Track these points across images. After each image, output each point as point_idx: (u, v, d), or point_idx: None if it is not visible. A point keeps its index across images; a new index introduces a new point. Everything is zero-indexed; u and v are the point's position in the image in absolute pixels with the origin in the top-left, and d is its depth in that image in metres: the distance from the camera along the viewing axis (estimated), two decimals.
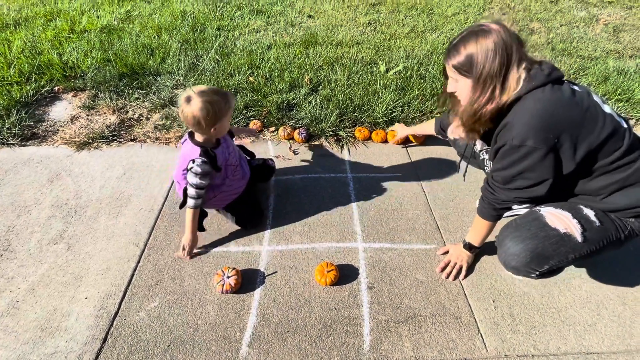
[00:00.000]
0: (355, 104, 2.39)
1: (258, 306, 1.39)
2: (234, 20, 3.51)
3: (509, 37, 1.10)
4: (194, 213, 1.50)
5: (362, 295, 1.43)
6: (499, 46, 1.08)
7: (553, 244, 1.18)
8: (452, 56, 1.17)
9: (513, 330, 1.32)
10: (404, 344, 1.29)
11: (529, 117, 1.10)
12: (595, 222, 1.18)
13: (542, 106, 1.09)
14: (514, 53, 1.09)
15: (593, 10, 3.84)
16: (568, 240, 1.17)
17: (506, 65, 1.09)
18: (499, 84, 1.11)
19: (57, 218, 1.72)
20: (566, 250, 1.17)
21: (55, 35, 3.13)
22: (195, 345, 1.27)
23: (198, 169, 1.43)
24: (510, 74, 1.10)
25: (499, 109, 1.15)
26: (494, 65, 1.08)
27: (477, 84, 1.13)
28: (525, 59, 1.13)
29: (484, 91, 1.13)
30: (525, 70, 1.12)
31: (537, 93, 1.11)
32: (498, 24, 1.12)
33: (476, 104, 1.15)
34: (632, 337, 1.31)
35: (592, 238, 1.17)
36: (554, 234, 1.18)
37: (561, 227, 1.18)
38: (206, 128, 1.40)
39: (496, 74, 1.09)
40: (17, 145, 2.16)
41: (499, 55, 1.08)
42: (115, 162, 2.05)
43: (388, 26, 3.46)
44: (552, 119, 1.08)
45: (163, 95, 2.53)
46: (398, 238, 1.65)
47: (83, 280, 1.47)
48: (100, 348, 1.26)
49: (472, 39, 1.11)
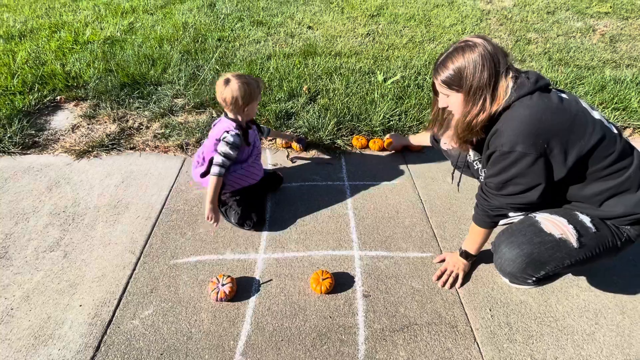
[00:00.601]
0: (352, 112, 2.41)
1: (252, 314, 1.38)
2: (234, 31, 3.57)
3: (494, 49, 1.13)
4: (217, 181, 1.58)
5: (357, 304, 1.42)
6: (486, 58, 1.10)
7: (549, 249, 1.17)
8: (441, 72, 1.19)
9: (510, 340, 1.31)
10: (399, 353, 1.27)
11: (518, 124, 1.11)
12: (591, 228, 1.17)
13: (530, 112, 1.11)
14: (501, 63, 1.12)
15: (590, 21, 3.88)
16: (564, 245, 1.17)
17: (495, 75, 1.11)
18: (489, 94, 1.13)
19: (55, 226, 1.73)
20: (562, 255, 1.17)
21: (59, 46, 3.19)
22: (188, 354, 1.26)
23: (231, 139, 1.57)
24: (499, 83, 1.12)
25: (490, 117, 1.17)
26: (483, 77, 1.11)
27: (468, 96, 1.15)
28: (511, 69, 1.16)
29: (476, 103, 1.15)
30: (512, 80, 1.14)
31: (525, 100, 1.13)
32: (481, 37, 1.15)
33: (469, 116, 1.17)
34: (631, 346, 1.29)
35: (588, 244, 1.17)
36: (549, 239, 1.18)
37: (557, 233, 1.18)
38: (241, 107, 1.58)
39: (486, 84, 1.12)
40: (18, 153, 2.18)
41: (487, 67, 1.10)
42: (114, 170, 2.06)
43: (386, 37, 3.51)
44: (541, 125, 1.10)
45: (163, 105, 2.56)
46: (394, 246, 1.65)
47: (78, 288, 1.47)
48: (93, 356, 1.26)
49: (459, 53, 1.14)
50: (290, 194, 1.92)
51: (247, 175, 1.72)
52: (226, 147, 1.58)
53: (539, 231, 1.21)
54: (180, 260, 1.58)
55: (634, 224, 1.18)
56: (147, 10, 3.97)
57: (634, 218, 1.16)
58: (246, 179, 1.73)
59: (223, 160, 1.58)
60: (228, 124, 1.61)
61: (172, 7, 4.06)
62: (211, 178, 1.57)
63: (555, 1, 4.34)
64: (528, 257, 1.19)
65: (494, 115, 1.16)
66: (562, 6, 4.20)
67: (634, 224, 1.18)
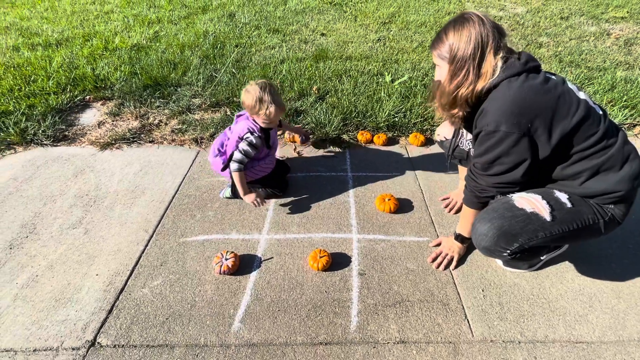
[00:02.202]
0: (359, 110, 2.50)
1: (253, 287, 1.47)
2: (251, 38, 3.76)
3: (488, 25, 1.16)
4: (239, 175, 1.71)
5: (352, 281, 1.48)
6: (475, 32, 1.14)
7: (520, 222, 1.20)
8: (435, 43, 1.25)
9: (501, 318, 1.33)
10: (390, 326, 1.32)
11: (502, 103, 1.15)
12: (567, 203, 1.20)
13: (515, 93, 1.14)
14: (491, 41, 1.15)
15: (604, 25, 3.86)
16: (535, 218, 1.19)
17: (480, 50, 1.15)
18: (473, 68, 1.17)
19: (78, 207, 1.88)
20: (534, 228, 1.19)
21: (90, 52, 3.46)
22: (191, 319, 1.35)
23: (253, 140, 1.70)
24: (485, 59, 1.16)
25: (476, 94, 1.21)
26: (468, 49, 1.15)
27: (451, 65, 1.20)
28: (503, 49, 1.18)
29: (458, 73, 1.19)
30: (502, 60, 1.18)
31: (511, 81, 1.16)
32: (479, 14, 1.19)
33: (452, 85, 1.21)
34: (625, 328, 1.28)
35: (563, 218, 1.19)
36: (520, 213, 1.21)
37: (528, 207, 1.21)
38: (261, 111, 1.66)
39: (470, 57, 1.15)
40: (49, 145, 2.39)
41: (473, 40, 1.14)
42: (134, 160, 2.22)
43: (397, 42, 3.61)
44: (524, 104, 1.13)
45: (182, 104, 2.73)
46: (392, 231, 1.70)
47: (96, 260, 1.60)
48: (106, 318, 1.37)
49: (452, 25, 1.19)
50: (295, 183, 2.01)
51: (260, 170, 1.84)
52: (247, 146, 1.70)
53: (510, 207, 1.23)
54: (189, 238, 1.69)
55: (618, 203, 1.20)
56: (171, 21, 4.24)
57: (616, 196, 1.17)
58: (259, 174, 1.85)
59: (242, 157, 1.70)
60: (252, 125, 1.72)
61: (194, 17, 4.32)
62: (233, 175, 1.71)
63: (570, 7, 4.35)
64: (499, 230, 1.22)
65: (480, 93, 1.20)
66: (576, 12, 4.20)
67: (617, 202, 1.19)
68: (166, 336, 1.30)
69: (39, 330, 1.33)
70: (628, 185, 1.17)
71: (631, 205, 1.24)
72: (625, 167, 1.18)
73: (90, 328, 1.33)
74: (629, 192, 1.18)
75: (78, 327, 1.34)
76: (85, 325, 1.34)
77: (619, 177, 1.17)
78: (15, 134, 2.38)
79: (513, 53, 1.21)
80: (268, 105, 1.64)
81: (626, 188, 1.17)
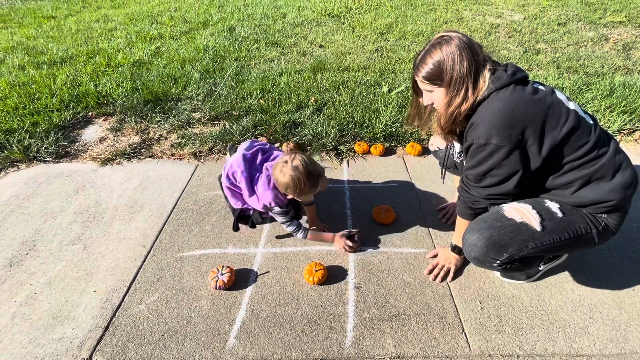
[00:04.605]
0: (356, 120, 2.51)
1: (248, 302, 1.46)
2: (250, 52, 3.81)
3: (470, 41, 1.17)
4: (311, 236, 1.63)
5: (348, 294, 1.47)
6: (463, 48, 1.15)
7: (509, 232, 1.19)
8: (421, 69, 1.22)
9: (499, 331, 1.31)
10: (386, 341, 1.30)
11: (492, 116, 1.14)
12: (557, 213, 1.18)
13: (504, 105, 1.14)
14: (479, 54, 1.16)
15: (602, 30, 3.86)
16: (525, 229, 1.18)
17: (475, 64, 1.15)
18: (471, 83, 1.16)
19: (78, 223, 1.90)
20: (524, 238, 1.18)
21: (93, 69, 3.53)
22: (186, 336, 1.35)
23: (279, 210, 1.55)
24: (480, 72, 1.16)
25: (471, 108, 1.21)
26: (463, 66, 1.14)
27: (449, 87, 1.18)
28: (488, 61, 1.20)
29: (458, 93, 1.17)
30: (489, 72, 1.18)
31: (500, 93, 1.16)
32: (454, 31, 1.20)
33: (452, 107, 1.20)
34: (627, 340, 1.26)
35: (553, 228, 1.17)
36: (509, 223, 1.20)
37: (518, 217, 1.20)
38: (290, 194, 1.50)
39: (466, 74, 1.15)
40: (52, 162, 2.43)
41: (466, 57, 1.14)
42: (133, 175, 2.25)
43: (394, 52, 3.64)
44: (514, 116, 1.13)
45: (182, 118, 2.77)
46: (389, 242, 1.69)
47: (94, 276, 1.61)
48: (102, 335, 1.37)
49: (436, 48, 1.18)
50: None
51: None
52: (281, 217, 1.58)
53: (500, 217, 1.22)
54: (186, 253, 1.69)
55: (611, 212, 1.18)
56: (172, 36, 4.32)
57: (609, 205, 1.16)
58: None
59: (290, 225, 1.60)
60: (281, 198, 1.54)
61: (195, 33, 4.40)
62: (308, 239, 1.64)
63: (567, 13, 4.35)
64: (488, 240, 1.21)
65: (472, 105, 1.20)
66: (574, 17, 4.21)
67: (610, 212, 1.18)
68: (161, 353, 1.30)
69: (36, 349, 1.33)
70: (620, 194, 1.16)
71: (625, 214, 1.22)
72: (617, 176, 1.17)
73: (87, 346, 1.33)
74: (622, 202, 1.17)
75: (74, 345, 1.34)
76: (81, 343, 1.34)
77: (611, 186, 1.16)
78: (19, 151, 2.42)
79: (499, 65, 1.22)
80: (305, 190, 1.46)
81: (618, 197, 1.16)
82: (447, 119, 1.24)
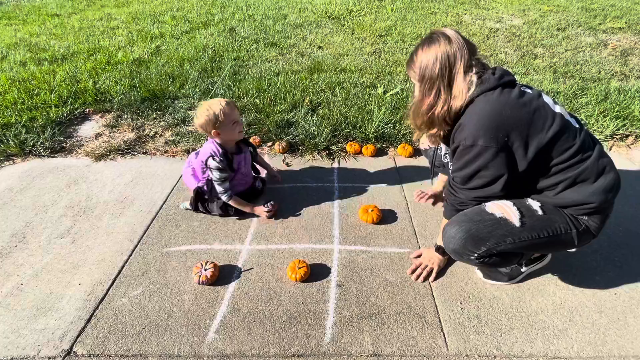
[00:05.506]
0: (349, 121, 2.52)
1: (230, 297, 1.47)
2: (249, 52, 3.84)
3: (456, 44, 1.18)
4: (234, 200, 1.80)
5: (330, 292, 1.48)
6: (442, 52, 1.17)
7: (488, 226, 1.20)
8: (409, 63, 1.28)
9: (477, 332, 1.31)
10: (365, 339, 1.30)
11: (478, 118, 1.16)
12: (538, 211, 1.19)
13: (491, 107, 1.15)
14: (459, 59, 1.17)
15: (602, 36, 3.85)
16: (504, 224, 1.19)
17: (448, 69, 1.17)
18: (444, 88, 1.18)
19: (68, 217, 1.92)
20: (503, 233, 1.18)
21: (93, 66, 3.57)
22: (167, 329, 1.36)
23: (214, 165, 1.72)
24: (455, 79, 1.18)
25: (455, 112, 1.21)
26: (435, 69, 1.17)
27: (421, 85, 1.23)
28: (476, 65, 1.21)
29: (428, 93, 1.21)
30: (476, 75, 1.19)
31: (487, 95, 1.17)
32: (446, 32, 1.21)
33: (424, 106, 1.23)
34: (605, 343, 1.25)
35: (532, 225, 1.18)
36: (489, 217, 1.21)
37: (498, 212, 1.21)
38: (210, 131, 1.69)
39: (437, 77, 1.18)
40: (47, 156, 2.45)
41: (440, 61, 1.16)
42: (126, 171, 2.27)
43: (392, 54, 3.65)
44: (500, 119, 1.14)
45: (178, 116, 2.79)
46: (374, 242, 1.70)
47: (80, 269, 1.62)
48: (84, 327, 1.38)
49: (422, 45, 1.22)
50: (281, 194, 2.03)
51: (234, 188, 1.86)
52: (216, 172, 1.74)
53: (480, 211, 1.23)
54: (172, 248, 1.70)
55: (592, 214, 1.18)
56: (173, 35, 4.36)
57: (589, 207, 1.16)
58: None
59: (221, 184, 1.76)
60: (214, 148, 1.74)
61: (196, 32, 4.43)
62: (230, 204, 1.81)
63: (567, 19, 4.35)
64: (466, 233, 1.21)
65: (458, 109, 1.21)
66: (574, 23, 4.20)
67: (591, 214, 1.18)
68: (141, 346, 1.31)
69: (18, 339, 1.35)
70: (601, 197, 1.16)
71: (607, 217, 1.22)
72: (600, 179, 1.18)
73: (68, 337, 1.35)
74: (602, 204, 1.17)
75: (56, 336, 1.35)
76: (63, 334, 1.36)
77: (593, 188, 1.16)
78: (15, 145, 2.45)
79: (487, 68, 1.22)
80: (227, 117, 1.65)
81: (599, 200, 1.16)
82: (420, 118, 1.28)
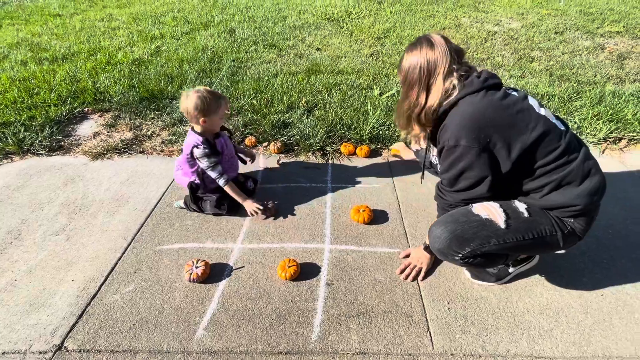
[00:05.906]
0: (344, 122, 2.54)
1: (220, 295, 1.49)
2: (248, 53, 3.86)
3: (440, 49, 1.20)
4: (229, 186, 1.82)
5: (319, 291, 1.49)
6: (423, 57, 1.20)
7: (473, 227, 1.21)
8: (398, 66, 1.32)
9: (463, 331, 1.32)
10: (351, 337, 1.32)
11: (461, 119, 1.18)
12: (524, 213, 1.20)
13: (473, 109, 1.17)
14: (440, 64, 1.19)
15: (599, 39, 3.86)
16: (490, 225, 1.20)
17: (427, 74, 1.20)
18: (423, 92, 1.22)
19: (64, 214, 1.95)
20: (487, 234, 1.20)
21: (93, 66, 3.60)
22: (157, 326, 1.38)
23: (201, 152, 1.75)
24: (433, 83, 1.21)
25: (433, 114, 1.24)
26: (414, 75, 1.22)
27: (403, 87, 1.28)
28: (460, 69, 1.23)
29: (408, 96, 1.26)
30: (459, 78, 1.22)
31: (471, 97, 1.20)
32: (435, 37, 1.24)
33: (404, 106, 1.29)
34: (590, 344, 1.26)
35: (518, 227, 1.19)
36: (475, 219, 1.22)
37: (484, 214, 1.22)
38: (200, 118, 1.70)
39: (415, 82, 1.22)
40: (45, 155, 2.48)
41: (419, 67, 1.21)
42: (122, 169, 2.29)
43: (389, 56, 3.67)
44: (482, 120, 1.16)
45: (175, 116, 2.82)
46: (364, 242, 1.71)
47: (73, 266, 1.64)
48: (75, 323, 1.40)
49: (407, 50, 1.27)
50: (275, 193, 2.05)
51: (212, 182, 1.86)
52: (205, 160, 1.77)
53: (466, 212, 1.25)
54: (165, 246, 1.72)
55: (577, 217, 1.19)
56: (173, 36, 4.39)
57: (575, 210, 1.18)
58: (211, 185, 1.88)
59: (213, 169, 1.79)
60: (195, 138, 1.77)
61: (196, 33, 4.47)
62: (225, 189, 1.82)
63: (565, 22, 4.36)
64: (452, 233, 1.23)
65: (437, 113, 1.24)
66: (571, 27, 4.21)
67: (576, 216, 1.19)
68: (131, 342, 1.33)
69: (10, 334, 1.37)
70: (586, 199, 1.17)
71: (592, 220, 1.24)
72: (586, 182, 1.19)
73: (59, 332, 1.37)
74: (588, 207, 1.18)
75: (47, 332, 1.37)
76: (54, 330, 1.38)
77: (579, 191, 1.17)
78: (13, 143, 2.48)
79: (473, 71, 1.24)
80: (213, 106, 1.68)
81: (584, 202, 1.17)
82: (400, 118, 1.34)
